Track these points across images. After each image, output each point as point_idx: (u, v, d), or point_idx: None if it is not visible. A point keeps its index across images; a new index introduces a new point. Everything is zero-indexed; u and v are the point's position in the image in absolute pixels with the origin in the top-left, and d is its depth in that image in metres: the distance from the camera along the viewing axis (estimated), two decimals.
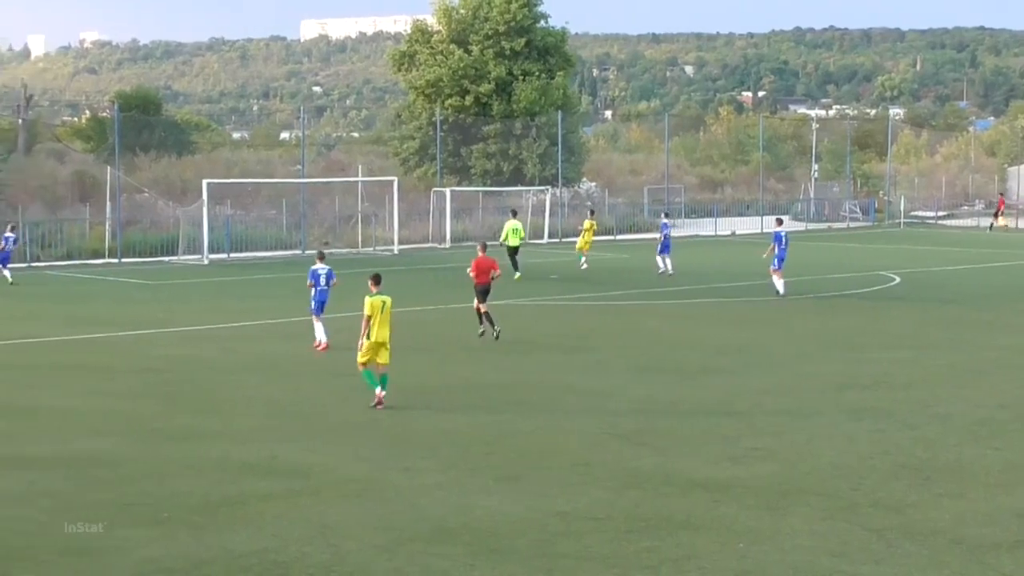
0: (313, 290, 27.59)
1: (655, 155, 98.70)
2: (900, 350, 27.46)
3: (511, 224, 44.22)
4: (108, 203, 56.04)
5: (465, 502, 14.86)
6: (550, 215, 67.47)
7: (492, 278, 28.88)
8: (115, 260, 52.60)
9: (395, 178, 61.71)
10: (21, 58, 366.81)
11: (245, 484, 15.70)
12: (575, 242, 51.07)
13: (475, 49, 73.77)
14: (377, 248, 58.27)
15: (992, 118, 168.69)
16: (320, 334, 27.38)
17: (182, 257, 53.48)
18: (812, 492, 15.32)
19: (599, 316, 34.40)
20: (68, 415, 20.27)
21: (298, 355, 26.66)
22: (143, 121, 76.09)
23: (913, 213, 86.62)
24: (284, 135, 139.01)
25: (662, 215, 50.26)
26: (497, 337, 28.12)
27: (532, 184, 71.50)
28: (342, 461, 17.02)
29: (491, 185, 71.75)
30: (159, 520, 14.10)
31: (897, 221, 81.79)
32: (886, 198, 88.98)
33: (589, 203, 71.00)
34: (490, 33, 73.87)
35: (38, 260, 50.91)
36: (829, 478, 16.07)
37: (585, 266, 46.86)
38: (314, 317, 27.60)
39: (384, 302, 20.54)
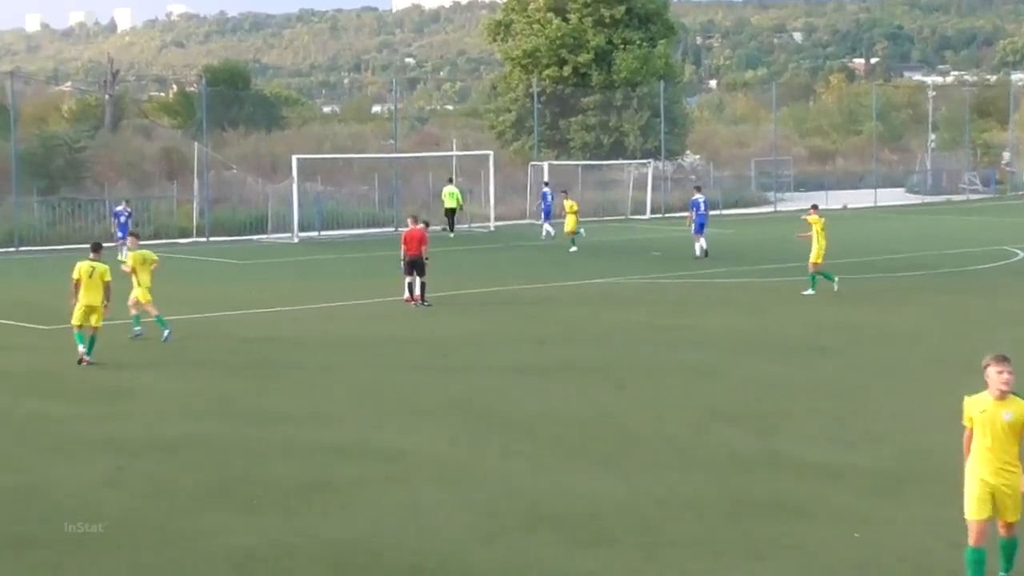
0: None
1: (762, 126, 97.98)
2: (1022, 328, 27.02)
3: (448, 189, 55.48)
4: (196, 180, 56.62)
5: (563, 487, 14.87)
6: (652, 189, 67.23)
7: (425, 256, 30.73)
8: (203, 239, 53.15)
9: (491, 152, 61.84)
10: (107, 32, 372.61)
11: (337, 468, 15.82)
12: (678, 218, 50.84)
13: (573, 17, 73.68)
14: (472, 225, 58.33)
15: None
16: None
17: (271, 235, 53.96)
18: (929, 478, 15.16)
19: (701, 293, 34.20)
20: (161, 397, 20.59)
21: (389, 336, 26.82)
22: (231, 96, 76.94)
23: None
24: (376, 108, 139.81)
25: (695, 190, 45.95)
26: (428, 305, 30.62)
27: (633, 157, 71.33)
28: (435, 444, 17.09)
29: (590, 159, 71.71)
30: (250, 506, 14.27)
31: (1020, 192, 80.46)
32: (1008, 168, 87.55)
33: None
34: (589, 0, 73.67)
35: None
36: (947, 463, 15.88)
37: (573, 249, 45.62)
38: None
39: (94, 268, 23.04)
